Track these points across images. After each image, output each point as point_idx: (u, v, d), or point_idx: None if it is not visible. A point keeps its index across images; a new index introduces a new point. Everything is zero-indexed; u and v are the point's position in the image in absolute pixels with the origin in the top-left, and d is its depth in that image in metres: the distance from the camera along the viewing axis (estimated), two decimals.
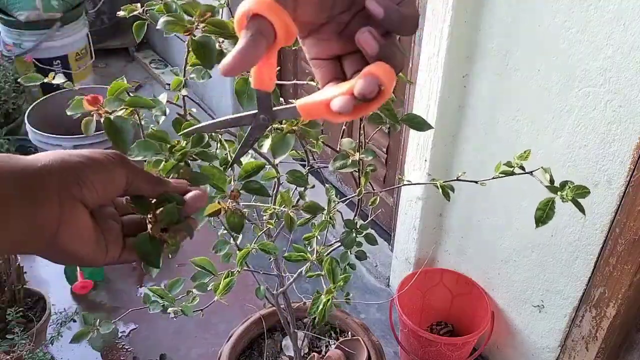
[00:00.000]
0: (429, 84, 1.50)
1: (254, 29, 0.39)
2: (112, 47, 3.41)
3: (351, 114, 0.42)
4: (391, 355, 1.84)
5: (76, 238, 0.44)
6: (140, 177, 0.48)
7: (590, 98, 1.19)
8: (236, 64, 0.39)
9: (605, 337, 1.40)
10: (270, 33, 0.39)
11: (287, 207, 0.81)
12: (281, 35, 0.40)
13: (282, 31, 0.39)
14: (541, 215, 0.80)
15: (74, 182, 0.43)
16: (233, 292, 0.92)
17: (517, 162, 0.85)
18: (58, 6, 2.69)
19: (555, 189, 0.80)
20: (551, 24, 1.21)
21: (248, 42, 0.39)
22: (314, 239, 0.93)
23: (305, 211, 0.83)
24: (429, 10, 1.43)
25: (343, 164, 0.80)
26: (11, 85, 2.55)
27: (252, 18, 0.39)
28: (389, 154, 2.02)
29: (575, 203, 0.79)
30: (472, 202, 1.60)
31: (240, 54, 0.39)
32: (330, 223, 0.90)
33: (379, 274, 2.09)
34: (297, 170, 0.85)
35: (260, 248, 0.88)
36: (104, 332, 1.01)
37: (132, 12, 0.76)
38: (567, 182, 0.79)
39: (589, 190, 0.79)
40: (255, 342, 1.44)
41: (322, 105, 0.42)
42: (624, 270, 1.27)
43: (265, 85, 0.43)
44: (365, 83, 0.40)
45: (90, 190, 0.44)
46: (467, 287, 1.74)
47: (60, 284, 2.03)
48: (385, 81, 0.40)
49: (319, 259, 0.90)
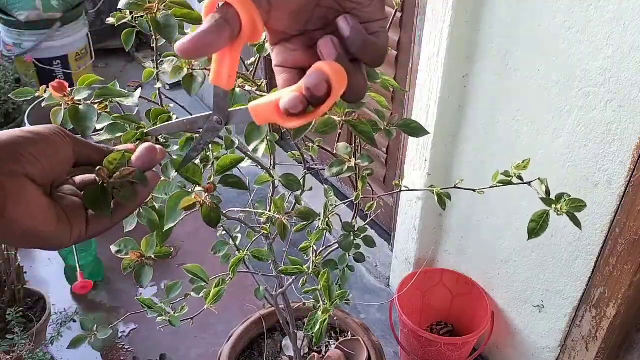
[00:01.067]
0: (429, 84, 1.50)
1: (219, 15, 0.38)
2: (112, 47, 3.41)
3: (301, 116, 0.41)
4: (391, 355, 1.84)
5: (29, 214, 0.42)
6: (89, 148, 0.47)
7: (590, 98, 1.19)
8: (194, 46, 0.38)
9: (605, 337, 1.40)
10: (236, 24, 0.38)
11: (280, 214, 0.80)
12: (247, 30, 0.39)
13: (248, 26, 0.38)
14: (534, 228, 0.79)
15: (11, 157, 0.41)
16: (232, 293, 0.92)
17: (515, 172, 0.84)
18: (58, 6, 2.69)
19: (550, 201, 0.78)
20: (551, 24, 1.21)
21: (211, 25, 0.38)
22: (310, 249, 0.91)
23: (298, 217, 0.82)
24: (429, 10, 1.43)
25: (339, 170, 0.79)
26: (11, 85, 2.55)
27: (222, 6, 0.39)
28: (389, 154, 2.02)
29: (570, 216, 0.77)
30: (472, 202, 1.60)
31: (199, 35, 0.38)
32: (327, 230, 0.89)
33: (379, 274, 2.09)
34: (291, 173, 0.84)
35: (253, 255, 0.87)
36: (101, 337, 1.01)
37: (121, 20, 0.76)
38: (564, 195, 0.78)
39: (585, 204, 0.77)
40: (255, 342, 1.44)
41: (272, 106, 0.41)
42: (624, 270, 1.27)
43: (223, 82, 0.42)
44: (311, 76, 0.39)
45: (34, 164, 0.42)
46: (467, 287, 1.74)
47: (60, 284, 2.03)
48: (333, 77, 0.39)
49: (315, 272, 0.89)
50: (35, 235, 0.43)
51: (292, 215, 0.80)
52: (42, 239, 0.43)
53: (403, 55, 1.75)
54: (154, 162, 0.49)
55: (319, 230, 0.88)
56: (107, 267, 2.08)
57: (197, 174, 0.66)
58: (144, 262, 0.77)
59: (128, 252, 0.77)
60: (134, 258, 0.77)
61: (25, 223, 0.42)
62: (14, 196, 0.41)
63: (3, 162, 0.41)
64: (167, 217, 0.65)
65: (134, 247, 0.77)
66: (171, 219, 0.65)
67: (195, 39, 0.38)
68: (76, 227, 0.45)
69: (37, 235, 0.43)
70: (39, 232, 0.43)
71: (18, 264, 1.67)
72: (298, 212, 0.81)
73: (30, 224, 0.42)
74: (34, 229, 0.42)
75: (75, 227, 0.45)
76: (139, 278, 0.76)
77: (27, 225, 0.42)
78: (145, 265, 0.77)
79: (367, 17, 0.42)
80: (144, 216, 0.67)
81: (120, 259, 0.78)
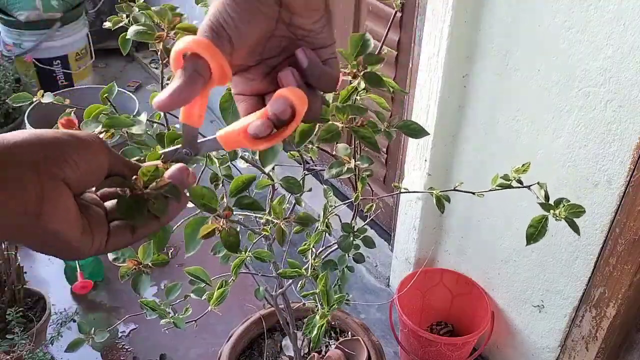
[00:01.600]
0: (429, 84, 1.50)
1: (191, 68, 0.41)
2: (112, 47, 3.40)
3: (268, 139, 0.44)
4: (391, 355, 1.84)
5: (61, 219, 0.41)
6: (121, 161, 0.47)
7: (590, 98, 1.19)
8: (171, 101, 0.41)
9: (605, 337, 1.40)
10: (207, 73, 0.41)
11: (279, 219, 0.80)
12: (216, 75, 0.41)
13: (217, 72, 0.41)
14: (532, 233, 0.78)
15: (55, 158, 0.40)
16: (233, 293, 0.92)
17: (515, 175, 0.84)
18: (58, 6, 2.69)
19: (549, 206, 0.78)
20: (551, 24, 1.21)
21: (185, 80, 0.41)
22: (309, 251, 0.91)
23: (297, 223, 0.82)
24: (429, 10, 1.43)
25: (339, 171, 0.79)
26: (11, 85, 2.55)
27: (190, 57, 0.41)
28: (389, 154, 2.02)
29: (569, 222, 0.77)
30: (472, 202, 1.60)
31: (176, 91, 0.40)
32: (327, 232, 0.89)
33: (379, 274, 2.09)
34: (291, 176, 0.83)
35: (255, 256, 0.87)
36: (99, 340, 1.01)
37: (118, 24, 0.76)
38: (562, 200, 0.78)
39: (584, 209, 0.77)
40: (255, 342, 1.44)
41: (241, 133, 0.44)
42: (624, 270, 1.27)
43: (193, 122, 0.45)
44: (277, 103, 0.42)
45: (74, 169, 0.41)
46: (467, 287, 1.74)
47: (60, 284, 2.03)
48: (296, 102, 0.43)
49: (314, 275, 0.89)
50: (62, 241, 0.42)
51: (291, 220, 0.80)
52: (66, 246, 0.42)
53: (403, 55, 1.75)
54: (184, 183, 0.49)
55: (318, 233, 0.88)
56: (107, 267, 2.08)
57: (213, 200, 0.65)
58: (141, 269, 0.77)
59: (125, 259, 0.77)
60: (131, 266, 0.77)
61: (56, 228, 0.41)
62: (51, 200, 0.40)
63: (48, 161, 0.40)
64: (187, 245, 0.65)
65: (131, 255, 0.77)
66: (191, 247, 0.66)
67: (173, 95, 0.40)
68: (97, 238, 0.45)
69: (63, 242, 0.42)
70: (66, 239, 0.42)
71: (18, 264, 1.67)
72: (297, 217, 0.81)
73: (61, 229, 0.41)
74: (64, 235, 0.41)
75: (97, 238, 0.45)
76: (136, 286, 0.76)
77: (58, 230, 0.41)
78: (143, 274, 0.77)
79: (320, 43, 0.46)
80: None
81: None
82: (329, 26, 0.46)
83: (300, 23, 0.45)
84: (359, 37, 0.66)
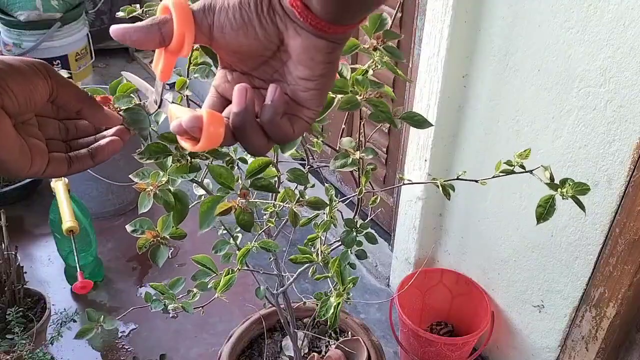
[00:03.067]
0: (429, 84, 1.50)
1: (157, 21, 0.43)
2: (112, 47, 3.41)
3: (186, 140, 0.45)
4: (391, 355, 1.84)
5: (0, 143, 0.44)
6: (68, 90, 0.49)
7: (590, 98, 1.19)
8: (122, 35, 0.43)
9: (605, 337, 1.40)
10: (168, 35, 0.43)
11: (292, 202, 0.81)
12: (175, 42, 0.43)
13: (177, 39, 0.43)
14: (542, 212, 0.80)
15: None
16: (233, 292, 0.92)
17: (518, 160, 0.86)
18: (58, 6, 2.69)
19: (555, 186, 0.80)
20: (551, 24, 1.21)
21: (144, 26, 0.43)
22: (317, 239, 0.93)
23: (309, 206, 0.83)
24: (429, 10, 1.43)
25: (343, 162, 0.81)
26: None
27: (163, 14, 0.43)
28: (389, 154, 2.02)
29: (575, 200, 0.79)
30: (472, 202, 1.60)
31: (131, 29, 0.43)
32: (333, 222, 0.90)
33: (379, 274, 2.09)
34: (298, 168, 0.85)
35: (261, 246, 0.88)
36: (107, 327, 1.01)
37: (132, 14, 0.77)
38: (567, 180, 0.80)
39: (589, 187, 0.79)
40: (255, 342, 1.44)
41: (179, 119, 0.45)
42: (624, 270, 1.27)
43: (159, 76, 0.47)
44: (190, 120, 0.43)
45: (11, 97, 0.44)
46: (467, 287, 1.74)
47: (60, 284, 2.04)
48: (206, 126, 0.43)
49: (324, 261, 0.90)
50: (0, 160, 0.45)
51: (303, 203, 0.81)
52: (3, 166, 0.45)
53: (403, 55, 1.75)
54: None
55: (326, 222, 0.89)
56: (107, 267, 2.08)
57: (230, 179, 0.68)
58: (159, 241, 0.78)
59: (144, 231, 0.78)
60: (150, 237, 0.77)
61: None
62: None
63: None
64: (202, 221, 0.66)
65: (149, 227, 0.78)
66: (205, 224, 0.67)
67: (128, 30, 0.43)
68: (36, 163, 0.48)
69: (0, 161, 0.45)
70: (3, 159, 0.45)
71: (18, 264, 1.67)
72: (309, 201, 0.83)
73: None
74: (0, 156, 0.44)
75: (36, 163, 0.48)
76: (154, 257, 0.77)
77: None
78: (161, 245, 0.77)
79: (302, 100, 0.45)
80: (160, 197, 0.68)
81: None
82: (320, 93, 0.45)
83: (293, 70, 0.45)
84: (377, 16, 0.73)
